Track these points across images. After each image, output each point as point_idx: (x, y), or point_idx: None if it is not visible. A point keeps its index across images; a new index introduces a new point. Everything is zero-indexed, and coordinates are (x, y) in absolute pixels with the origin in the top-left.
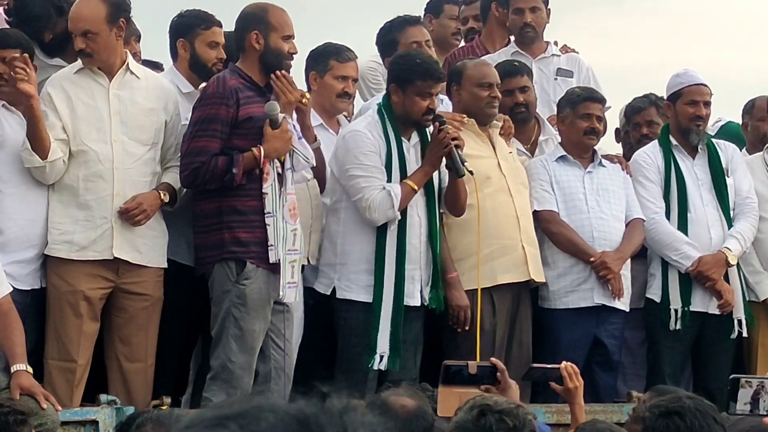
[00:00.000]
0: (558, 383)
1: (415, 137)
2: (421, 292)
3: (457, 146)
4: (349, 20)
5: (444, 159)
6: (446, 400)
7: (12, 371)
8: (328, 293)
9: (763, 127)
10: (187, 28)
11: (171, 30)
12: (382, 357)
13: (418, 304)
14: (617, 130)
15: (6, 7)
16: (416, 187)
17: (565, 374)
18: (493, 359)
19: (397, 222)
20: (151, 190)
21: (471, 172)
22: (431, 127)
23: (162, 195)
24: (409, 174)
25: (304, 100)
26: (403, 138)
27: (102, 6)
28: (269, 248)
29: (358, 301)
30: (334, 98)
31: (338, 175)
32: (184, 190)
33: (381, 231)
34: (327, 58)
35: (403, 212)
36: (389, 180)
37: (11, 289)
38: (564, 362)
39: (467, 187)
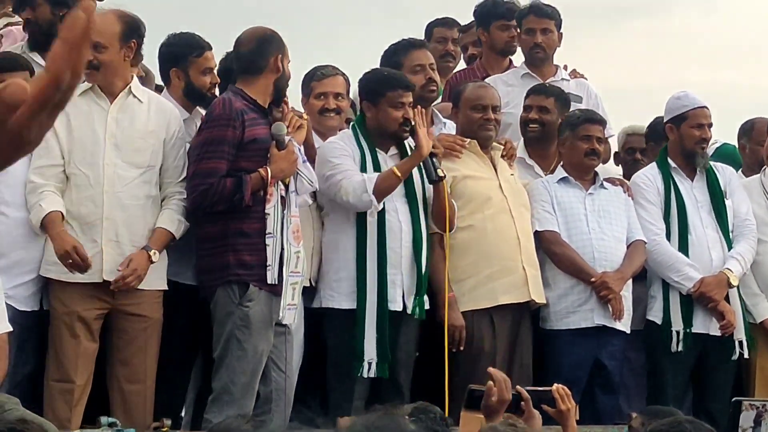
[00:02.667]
0: (550, 405)
1: (393, 150)
2: (404, 299)
3: (432, 154)
4: (349, 42)
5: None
6: (467, 425)
7: None
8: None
9: (762, 151)
10: (178, 56)
11: (161, 58)
12: (370, 364)
13: (400, 308)
14: (616, 154)
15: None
16: (398, 173)
17: (557, 396)
18: (518, 387)
19: (376, 226)
20: (140, 250)
21: (444, 177)
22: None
23: (152, 255)
24: None
25: (302, 121)
26: (379, 150)
27: (117, 22)
28: (267, 268)
29: (342, 309)
30: (318, 116)
31: (320, 187)
32: (183, 226)
33: (361, 236)
34: (308, 82)
35: (382, 216)
36: None
37: (9, 329)
38: (555, 384)
39: (467, 207)
